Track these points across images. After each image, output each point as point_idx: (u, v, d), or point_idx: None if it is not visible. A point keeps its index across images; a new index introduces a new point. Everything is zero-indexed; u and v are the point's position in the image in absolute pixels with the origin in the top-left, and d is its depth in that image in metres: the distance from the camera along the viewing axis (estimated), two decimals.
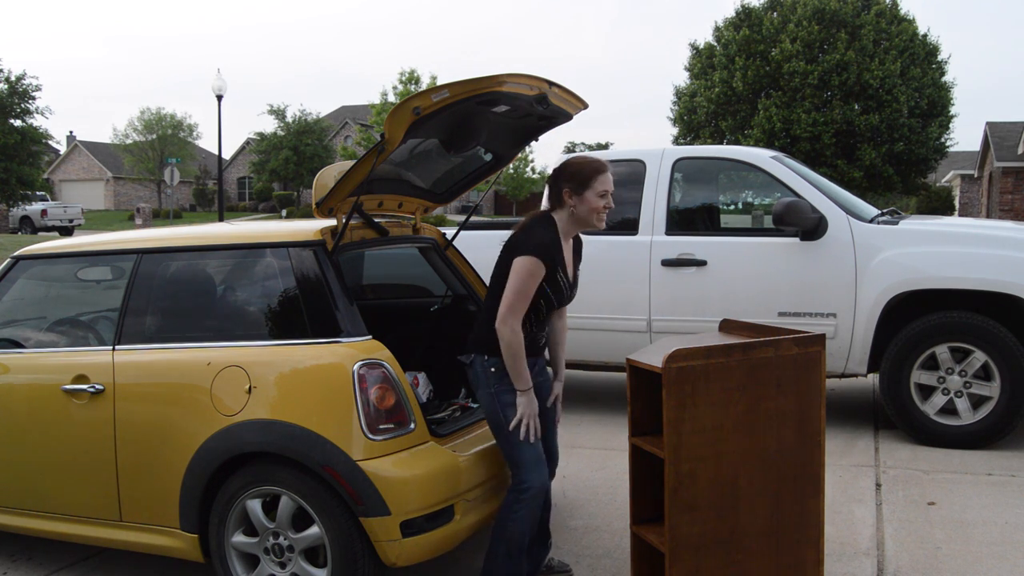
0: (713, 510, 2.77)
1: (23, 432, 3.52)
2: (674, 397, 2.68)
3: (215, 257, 3.48)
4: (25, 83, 30.93)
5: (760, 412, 2.77)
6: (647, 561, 3.11)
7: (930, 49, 26.18)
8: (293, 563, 3.10)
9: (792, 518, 2.86)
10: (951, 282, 5.03)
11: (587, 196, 3.09)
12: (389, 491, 2.90)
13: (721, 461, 2.76)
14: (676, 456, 2.70)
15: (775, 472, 2.82)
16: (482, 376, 3.12)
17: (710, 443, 2.73)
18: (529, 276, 2.97)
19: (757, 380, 2.75)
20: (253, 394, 3.07)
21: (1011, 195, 25.41)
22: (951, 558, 3.59)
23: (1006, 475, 4.65)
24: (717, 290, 5.58)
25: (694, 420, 2.71)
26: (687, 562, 2.76)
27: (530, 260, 2.97)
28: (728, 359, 2.72)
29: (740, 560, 2.82)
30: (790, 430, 2.81)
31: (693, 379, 2.69)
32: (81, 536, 3.48)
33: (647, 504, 3.09)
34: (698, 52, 28.31)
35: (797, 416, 2.82)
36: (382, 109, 35.01)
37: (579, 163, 3.13)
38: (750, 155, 5.86)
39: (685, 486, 2.72)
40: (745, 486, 2.79)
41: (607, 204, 3.12)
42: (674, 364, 2.67)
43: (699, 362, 2.70)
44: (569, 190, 3.10)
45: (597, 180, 3.09)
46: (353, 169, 3.17)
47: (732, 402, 2.74)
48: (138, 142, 49.98)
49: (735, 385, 2.73)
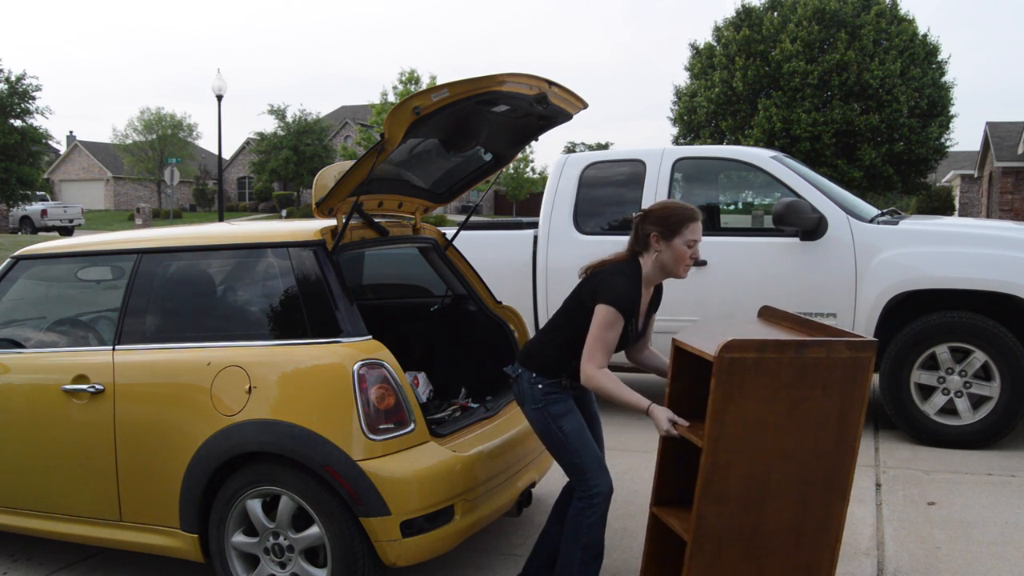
0: (741, 504, 2.73)
1: (23, 432, 3.52)
2: (722, 387, 2.61)
3: (215, 257, 3.48)
4: (25, 83, 30.93)
5: (803, 412, 2.71)
6: (661, 542, 3.09)
7: (930, 49, 26.17)
8: (293, 563, 3.10)
9: (815, 520, 2.83)
10: (951, 282, 5.03)
11: (675, 244, 2.96)
12: (389, 491, 2.90)
13: (756, 456, 2.71)
14: (714, 447, 2.65)
15: (806, 473, 2.77)
16: (528, 392, 3.08)
17: (749, 437, 2.68)
18: (609, 328, 2.90)
19: (805, 380, 2.68)
20: (253, 394, 3.07)
21: (1011, 195, 25.41)
22: (951, 558, 3.59)
23: (1006, 475, 4.65)
24: (717, 290, 5.58)
25: (738, 412, 2.65)
26: (708, 552, 2.74)
27: (612, 313, 2.89)
28: (781, 355, 2.65)
29: (759, 555, 2.80)
30: (829, 433, 2.75)
31: (743, 371, 2.62)
32: (81, 536, 3.48)
33: (669, 486, 3.06)
34: (698, 52, 28.30)
35: (838, 420, 2.75)
36: (382, 109, 35.00)
37: (670, 209, 3.01)
38: (750, 155, 5.86)
39: (718, 478, 2.68)
40: (775, 484, 2.75)
41: (694, 254, 2.99)
42: (727, 354, 2.59)
43: (752, 355, 2.62)
44: (657, 235, 2.98)
45: (688, 228, 2.96)
46: (353, 169, 3.17)
47: (777, 399, 2.67)
48: (138, 142, 49.97)
49: (783, 382, 2.66)
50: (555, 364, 3.07)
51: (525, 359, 3.14)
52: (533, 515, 4.09)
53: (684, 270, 3.01)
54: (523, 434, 3.56)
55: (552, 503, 3.37)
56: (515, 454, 3.48)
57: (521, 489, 3.48)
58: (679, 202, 3.08)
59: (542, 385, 3.05)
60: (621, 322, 2.92)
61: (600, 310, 2.91)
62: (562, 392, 3.07)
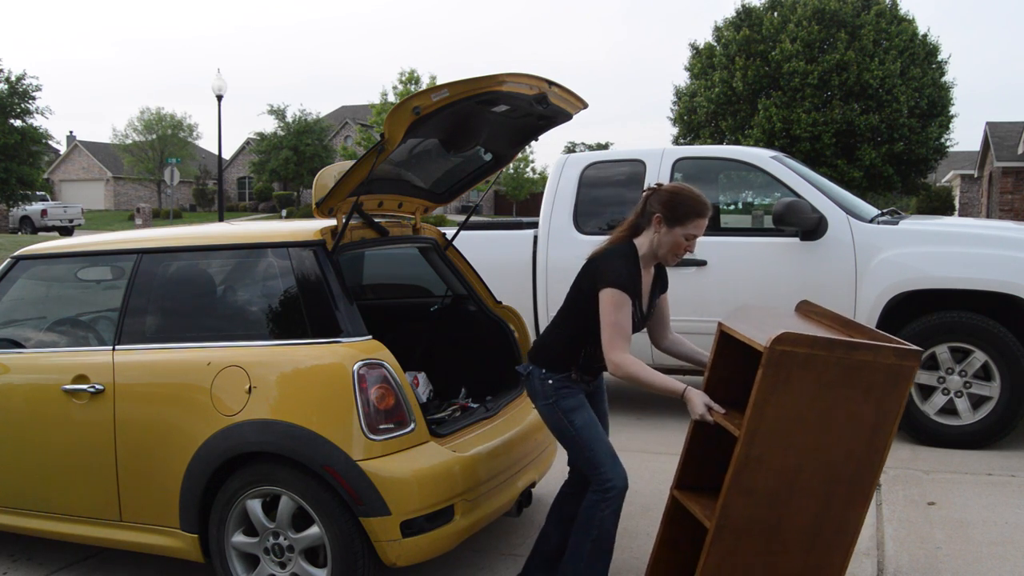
0: (767, 498, 2.72)
1: (23, 432, 3.52)
2: (768, 379, 2.59)
3: (215, 257, 3.48)
4: (25, 83, 30.95)
5: (841, 413, 2.69)
6: (677, 525, 3.08)
7: (930, 49, 26.17)
8: (293, 563, 3.10)
9: (834, 521, 2.82)
10: (951, 282, 5.03)
11: (675, 232, 2.95)
12: (389, 491, 2.90)
13: (790, 452, 2.68)
14: (751, 439, 2.63)
15: (834, 474, 2.76)
16: (539, 389, 3.07)
17: (786, 432, 2.66)
18: (617, 309, 2.88)
19: (849, 381, 2.66)
20: (253, 394, 3.07)
21: (1011, 195, 25.41)
22: (951, 558, 3.59)
23: (1006, 475, 4.65)
24: (717, 290, 5.58)
25: (780, 407, 2.62)
26: (728, 542, 2.73)
27: (615, 293, 2.88)
28: (829, 354, 2.61)
29: (775, 551, 2.79)
30: (862, 437, 2.74)
31: (791, 365, 2.59)
32: (81, 536, 3.48)
33: (691, 471, 3.04)
34: (698, 52, 28.30)
35: (872, 425, 2.73)
36: (382, 109, 35.01)
37: (681, 197, 2.95)
38: (750, 155, 5.86)
39: (750, 470, 2.67)
40: (803, 481, 2.73)
41: (689, 248, 2.99)
42: (779, 347, 2.56)
43: (803, 350, 2.59)
44: (661, 218, 2.95)
45: (692, 223, 2.94)
46: (353, 169, 3.17)
47: (820, 397, 2.65)
48: (138, 142, 49.99)
49: (827, 381, 2.64)
50: (563, 358, 3.06)
51: (535, 356, 3.14)
52: (533, 515, 4.09)
53: (673, 260, 3.01)
54: (523, 434, 3.56)
55: (551, 503, 3.37)
56: (515, 454, 3.48)
57: (521, 489, 3.48)
58: (693, 192, 2.98)
59: (552, 380, 3.05)
60: (628, 302, 2.90)
61: (604, 294, 2.89)
62: (573, 387, 3.06)
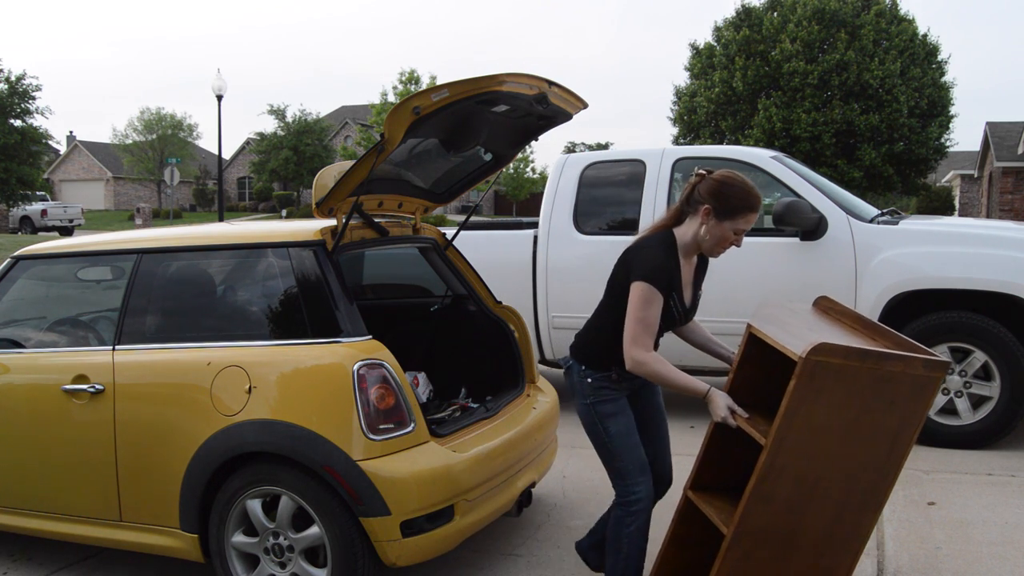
0: (785, 506, 2.69)
1: (23, 432, 3.52)
2: (801, 390, 2.54)
3: (215, 257, 3.48)
4: (25, 83, 30.94)
5: (865, 422, 2.66)
6: (687, 525, 3.06)
7: (930, 49, 26.18)
8: (293, 563, 3.10)
9: (846, 528, 2.80)
10: (951, 282, 5.03)
11: (724, 226, 2.79)
12: (389, 491, 2.90)
13: (812, 462, 2.65)
14: (777, 448, 2.58)
15: (852, 483, 2.74)
16: (579, 386, 2.97)
17: (812, 442, 2.62)
18: (646, 305, 2.73)
19: (877, 391, 2.61)
20: (253, 394, 3.07)
21: (1011, 195, 25.41)
22: (951, 558, 3.59)
23: (1006, 475, 4.65)
24: (717, 289, 5.55)
25: (809, 417, 2.58)
26: (743, 548, 2.72)
27: (645, 288, 2.73)
28: (861, 364, 2.56)
29: (788, 556, 2.78)
30: (882, 447, 2.71)
31: (824, 376, 2.54)
32: (81, 536, 3.48)
33: (707, 473, 3.02)
34: (698, 52, 28.31)
35: (894, 435, 2.70)
36: (382, 109, 35.01)
37: (734, 189, 2.78)
38: (750, 155, 5.86)
39: (772, 478, 2.63)
40: (822, 490, 2.71)
41: (737, 242, 2.84)
42: (815, 357, 2.49)
43: (837, 361, 2.53)
44: (710, 209, 2.79)
45: (743, 218, 2.78)
46: (353, 169, 3.17)
47: (847, 407, 2.60)
48: (138, 142, 49.98)
49: (856, 390, 2.59)
50: (602, 355, 2.93)
51: (575, 351, 3.03)
52: (533, 515, 4.09)
53: (719, 253, 2.87)
54: (523, 434, 3.56)
55: (551, 503, 3.37)
56: (515, 454, 3.48)
57: (521, 489, 3.48)
58: (745, 184, 2.81)
59: (591, 379, 2.93)
60: (659, 298, 2.75)
61: (635, 288, 2.74)
62: (615, 389, 2.94)
